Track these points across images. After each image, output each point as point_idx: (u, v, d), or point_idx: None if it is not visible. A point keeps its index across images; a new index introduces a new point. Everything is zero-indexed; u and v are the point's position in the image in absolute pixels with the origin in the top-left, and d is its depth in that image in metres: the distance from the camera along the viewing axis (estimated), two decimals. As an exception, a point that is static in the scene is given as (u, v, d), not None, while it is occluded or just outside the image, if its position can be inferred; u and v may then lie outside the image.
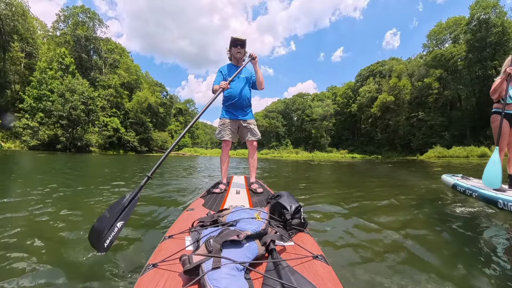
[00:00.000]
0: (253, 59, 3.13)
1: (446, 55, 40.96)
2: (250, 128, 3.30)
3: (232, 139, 3.27)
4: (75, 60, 42.38)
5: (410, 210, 3.51)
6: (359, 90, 58.21)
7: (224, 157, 3.33)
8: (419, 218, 3.17)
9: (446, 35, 45.03)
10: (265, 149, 69.21)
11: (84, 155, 26.85)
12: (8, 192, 4.41)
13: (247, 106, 3.33)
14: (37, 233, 2.39)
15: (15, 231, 2.39)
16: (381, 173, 10.40)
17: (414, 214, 3.32)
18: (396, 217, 3.17)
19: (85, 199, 4.03)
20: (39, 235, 2.31)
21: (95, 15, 50.15)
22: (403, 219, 3.09)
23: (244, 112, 3.31)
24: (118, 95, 48.25)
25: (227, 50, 3.33)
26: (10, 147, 32.11)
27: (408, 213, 3.36)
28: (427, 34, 47.97)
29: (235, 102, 3.19)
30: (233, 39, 3.19)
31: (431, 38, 47.31)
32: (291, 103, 75.50)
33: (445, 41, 45.96)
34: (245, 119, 3.30)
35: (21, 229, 2.47)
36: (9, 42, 37.71)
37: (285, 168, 13.99)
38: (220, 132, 3.27)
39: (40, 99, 34.74)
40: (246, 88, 3.25)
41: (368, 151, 53.45)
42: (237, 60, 3.28)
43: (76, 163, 13.57)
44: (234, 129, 3.30)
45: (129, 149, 46.08)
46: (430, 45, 47.95)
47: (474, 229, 2.66)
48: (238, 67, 3.23)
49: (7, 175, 7.18)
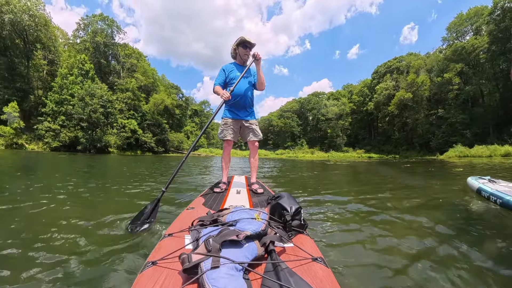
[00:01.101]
0: (257, 60, 3.08)
1: (467, 48, 39.21)
2: (252, 128, 3.30)
3: (234, 138, 3.27)
4: (94, 65, 43.91)
5: (420, 216, 3.18)
6: (375, 87, 56.66)
7: (226, 156, 3.36)
8: (427, 225, 2.83)
9: (467, 26, 43.19)
10: (280, 149, 68.91)
11: (103, 156, 27.80)
12: (33, 188, 4.64)
13: (249, 106, 3.32)
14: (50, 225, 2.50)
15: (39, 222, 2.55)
16: (396, 174, 10.06)
17: (422, 221, 3.00)
18: (402, 222, 3.00)
19: (102, 193, 4.24)
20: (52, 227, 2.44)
21: (113, 22, 51.79)
22: (409, 224, 2.91)
23: (247, 112, 3.30)
24: (136, 98, 49.54)
25: (233, 47, 3.29)
26: (33, 148, 33.74)
27: (417, 219, 3.09)
28: (446, 27, 46.34)
29: (238, 102, 3.18)
30: (244, 40, 3.15)
31: (451, 30, 45.52)
32: (306, 102, 74.83)
33: (466, 33, 44.08)
34: (247, 119, 3.29)
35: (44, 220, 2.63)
36: (32, 51, 39.70)
37: (296, 168, 13.86)
38: (222, 131, 3.27)
39: (62, 103, 36.31)
40: (249, 88, 3.24)
41: (385, 150, 52.04)
42: (243, 61, 3.28)
43: (96, 163, 14.07)
44: (236, 129, 3.29)
45: (146, 149, 47.14)
46: (450, 38, 46.13)
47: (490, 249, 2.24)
48: (243, 66, 3.25)
49: (34, 173, 7.61)
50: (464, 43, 40.64)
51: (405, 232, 2.58)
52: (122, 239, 2.23)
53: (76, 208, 3.36)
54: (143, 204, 3.36)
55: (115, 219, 2.80)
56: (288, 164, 19.06)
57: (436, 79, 44.70)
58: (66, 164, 12.35)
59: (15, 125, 31.76)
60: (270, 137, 78.81)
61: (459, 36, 44.74)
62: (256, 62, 3.12)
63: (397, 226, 2.85)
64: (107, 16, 51.31)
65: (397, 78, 53.15)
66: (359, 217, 3.18)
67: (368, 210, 3.55)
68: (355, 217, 3.18)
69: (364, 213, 3.40)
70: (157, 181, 6.54)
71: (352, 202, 4.06)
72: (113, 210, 3.24)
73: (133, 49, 57.63)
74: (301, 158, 43.12)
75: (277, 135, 75.98)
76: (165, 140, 52.58)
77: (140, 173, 8.49)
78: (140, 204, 3.43)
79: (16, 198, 3.71)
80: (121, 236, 2.30)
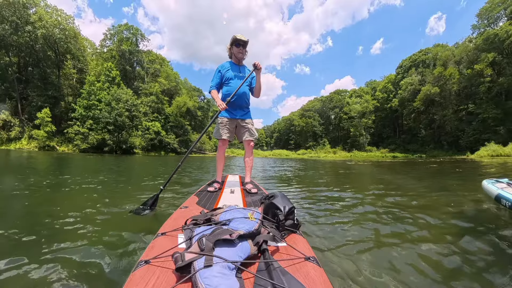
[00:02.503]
0: (257, 69, 3.10)
1: (500, 35, 35.71)
2: (248, 128, 3.31)
3: (229, 138, 3.28)
4: (120, 72, 45.99)
5: (425, 221, 2.99)
6: (400, 83, 54.55)
7: (221, 156, 3.36)
8: (423, 230, 2.68)
9: (500, 11, 39.42)
10: (301, 149, 68.20)
11: (129, 157, 28.93)
12: (67, 185, 5.07)
13: (245, 105, 3.33)
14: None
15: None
16: (415, 175, 9.63)
17: (418, 224, 2.86)
18: (400, 224, 2.89)
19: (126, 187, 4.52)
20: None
21: (137, 31, 54.04)
22: (405, 228, 2.78)
23: (243, 112, 3.32)
24: (159, 101, 51.26)
25: (228, 47, 3.31)
26: (64, 150, 36.38)
27: (420, 223, 2.91)
28: (477, 13, 42.56)
29: (234, 101, 3.19)
30: (236, 39, 3.15)
31: (482, 17, 41.83)
32: (328, 101, 73.45)
33: (499, 19, 40.44)
34: (243, 118, 3.31)
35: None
36: (63, 61, 42.85)
37: (313, 168, 13.62)
38: (218, 131, 3.27)
39: (90, 108, 38.28)
40: (245, 88, 3.24)
41: (411, 149, 49.78)
42: (238, 59, 3.28)
43: (123, 163, 14.74)
44: (232, 128, 3.31)
45: (169, 150, 48.50)
46: (481, 26, 42.44)
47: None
48: (238, 65, 3.28)
49: (67, 172, 8.29)
50: (497, 30, 37.17)
51: (400, 235, 2.56)
52: (115, 237, 2.27)
53: (79, 204, 3.49)
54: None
55: (114, 216, 2.92)
56: (308, 164, 18.86)
57: (465, 71, 41.73)
58: (93, 164, 13.13)
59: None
60: (291, 137, 78.19)
61: (491, 23, 41.20)
62: (256, 71, 3.14)
63: (392, 228, 2.79)
64: (131, 25, 53.91)
65: (423, 72, 50.60)
66: (355, 217, 3.17)
67: (365, 211, 3.54)
68: (352, 217, 3.18)
69: (363, 214, 3.39)
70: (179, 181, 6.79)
71: (350, 202, 4.06)
72: (112, 205, 3.39)
73: (157, 55, 60.00)
74: (323, 158, 42.25)
75: (299, 135, 75.24)
76: (188, 141, 53.85)
77: (163, 171, 8.82)
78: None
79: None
80: (113, 234, 2.34)
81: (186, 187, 5.43)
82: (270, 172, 11.02)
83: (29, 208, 3.40)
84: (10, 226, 2.52)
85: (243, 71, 3.29)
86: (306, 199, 4.34)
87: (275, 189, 5.76)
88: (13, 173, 7.51)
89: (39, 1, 38.95)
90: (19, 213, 3.14)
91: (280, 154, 62.30)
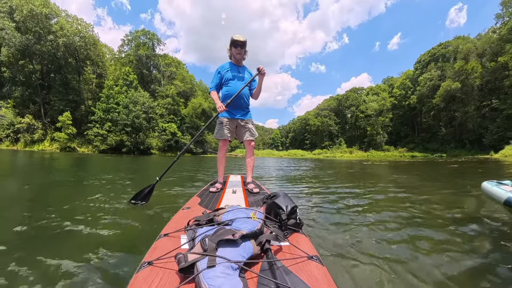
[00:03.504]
0: (261, 74, 3.15)
1: None
2: (248, 128, 3.32)
3: (230, 138, 3.30)
4: (137, 76, 47.53)
5: (428, 222, 2.95)
6: (418, 79, 52.65)
7: (222, 156, 3.38)
8: (421, 232, 2.66)
9: None
10: (317, 149, 67.30)
11: (146, 157, 29.65)
12: (87, 183, 5.33)
13: (245, 106, 3.34)
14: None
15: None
16: (432, 175, 9.36)
17: (417, 225, 2.85)
18: (410, 227, 2.84)
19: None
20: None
21: (154, 35, 55.66)
22: (406, 228, 2.77)
23: (243, 112, 3.33)
24: (175, 103, 52.61)
25: (227, 48, 3.33)
26: (84, 151, 37.92)
27: (426, 226, 2.87)
28: (501, 1, 40.20)
29: (234, 102, 3.20)
30: (233, 40, 3.17)
31: (507, 5, 39.48)
32: (344, 99, 72.01)
33: None
34: (243, 118, 3.32)
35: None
36: (83, 67, 44.83)
37: (326, 168, 13.45)
38: (218, 131, 3.28)
39: (108, 111, 39.72)
40: (245, 89, 3.24)
41: (430, 148, 48.03)
42: (237, 60, 3.29)
43: (141, 164, 15.22)
44: (232, 128, 3.32)
45: (185, 150, 49.35)
46: (505, 14, 40.07)
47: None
48: (238, 66, 3.30)
49: (89, 171, 8.94)
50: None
51: (402, 235, 2.57)
52: (118, 238, 2.31)
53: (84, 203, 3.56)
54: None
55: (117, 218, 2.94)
56: (321, 164, 18.69)
57: (489, 65, 39.92)
58: (110, 164, 13.63)
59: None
60: (307, 137, 77.36)
61: (517, 12, 38.84)
62: (260, 76, 3.17)
63: (395, 227, 2.79)
64: (148, 30, 55.58)
65: (443, 66, 48.72)
66: (358, 217, 3.17)
67: (368, 210, 3.54)
68: (353, 217, 3.17)
69: (363, 213, 3.37)
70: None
71: (351, 202, 4.06)
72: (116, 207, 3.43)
73: (172, 58, 61.45)
74: (339, 158, 41.64)
75: (314, 135, 74.29)
76: (203, 141, 54.65)
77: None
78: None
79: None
80: (116, 234, 2.38)
81: (188, 187, 5.47)
82: (282, 172, 11.05)
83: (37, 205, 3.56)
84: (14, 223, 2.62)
85: (242, 71, 3.30)
86: (310, 199, 4.35)
87: (282, 188, 5.86)
88: (32, 173, 7.90)
89: (60, 12, 41.14)
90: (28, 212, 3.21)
91: (296, 154, 61.87)
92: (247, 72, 3.33)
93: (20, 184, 5.32)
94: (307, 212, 3.36)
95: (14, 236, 2.33)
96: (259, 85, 3.25)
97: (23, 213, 3.04)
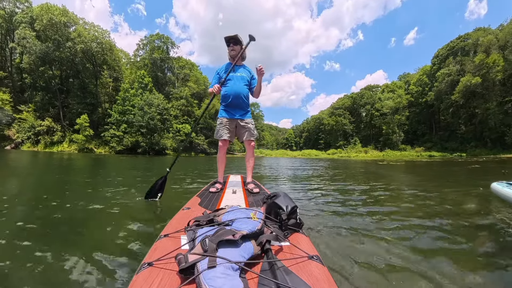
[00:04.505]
0: (260, 74, 3.17)
1: None
2: (247, 128, 3.30)
3: (230, 138, 3.28)
4: (152, 78, 48.50)
5: (429, 221, 2.97)
6: (436, 74, 50.33)
7: (221, 156, 3.38)
8: (423, 230, 2.68)
9: None
10: (331, 148, 66.24)
11: (161, 157, 30.36)
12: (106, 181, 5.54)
13: (244, 105, 3.32)
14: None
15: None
16: (448, 175, 9.00)
17: (417, 225, 2.83)
18: (403, 224, 2.88)
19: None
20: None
21: (168, 39, 56.86)
22: (410, 227, 2.78)
23: (242, 111, 3.31)
24: (189, 104, 53.47)
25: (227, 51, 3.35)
26: (101, 152, 39.34)
27: (423, 221, 2.93)
28: None
29: (232, 101, 3.21)
30: (226, 38, 3.20)
31: None
32: (359, 97, 70.47)
33: None
34: (243, 118, 3.30)
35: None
36: (100, 72, 46.49)
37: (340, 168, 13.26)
38: (218, 131, 3.29)
39: (124, 113, 40.92)
40: (243, 88, 3.23)
41: (449, 148, 45.98)
42: (232, 58, 3.28)
43: (155, 164, 15.55)
44: (232, 128, 3.31)
45: (199, 151, 50.28)
46: None
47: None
48: (236, 65, 3.29)
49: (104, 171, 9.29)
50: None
51: (403, 234, 2.57)
52: (118, 239, 2.31)
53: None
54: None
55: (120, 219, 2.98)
56: (337, 164, 18.48)
57: (512, 57, 38.10)
58: (125, 164, 14.02)
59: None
60: (321, 137, 76.39)
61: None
62: (259, 75, 3.18)
63: (397, 227, 2.79)
64: (162, 34, 56.86)
65: (462, 60, 46.20)
66: (357, 216, 3.18)
67: (369, 211, 3.54)
68: (353, 216, 3.19)
69: (365, 214, 3.37)
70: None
71: (352, 201, 4.08)
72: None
73: (186, 60, 62.46)
74: (354, 158, 40.77)
75: (328, 134, 73.16)
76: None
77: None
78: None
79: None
80: (116, 236, 2.39)
81: (189, 187, 5.51)
82: (291, 171, 11.10)
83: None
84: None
85: (240, 70, 3.28)
86: (312, 198, 4.38)
87: (289, 188, 5.92)
88: (51, 172, 8.24)
89: (78, 20, 42.91)
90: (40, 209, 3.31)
91: (310, 154, 61.25)
92: (245, 71, 3.30)
93: (41, 182, 5.54)
94: (308, 212, 3.37)
95: (16, 232, 2.40)
96: (259, 83, 3.23)
97: (30, 209, 3.15)
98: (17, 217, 2.93)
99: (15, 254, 1.95)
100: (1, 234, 2.32)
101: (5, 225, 2.59)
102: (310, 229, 2.61)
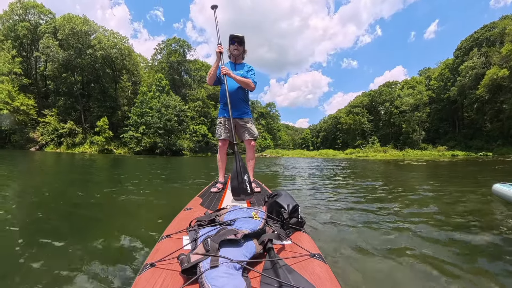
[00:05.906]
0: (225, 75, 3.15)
1: None
2: (247, 127, 3.29)
3: (229, 138, 3.25)
4: (169, 81, 49.91)
5: (438, 224, 2.89)
6: (459, 68, 47.57)
7: (222, 156, 3.37)
8: (433, 235, 2.58)
9: None
10: (349, 148, 64.71)
11: (178, 158, 30.99)
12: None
13: (243, 104, 3.31)
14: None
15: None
16: (470, 176, 8.73)
17: (436, 230, 2.72)
18: (405, 223, 2.88)
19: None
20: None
21: (184, 43, 58.29)
22: (411, 226, 2.78)
23: (240, 111, 3.29)
24: (205, 105, 54.50)
25: (227, 48, 3.33)
26: (120, 152, 41.04)
27: (426, 221, 2.93)
28: None
29: (230, 101, 3.16)
30: (231, 36, 3.21)
31: None
32: (377, 95, 68.37)
33: None
34: (242, 117, 3.29)
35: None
36: (119, 76, 48.58)
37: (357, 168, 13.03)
38: (217, 131, 3.30)
39: (142, 115, 42.22)
40: (240, 87, 3.22)
41: (474, 146, 43.74)
42: (234, 57, 3.29)
43: (173, 164, 16.23)
44: (231, 128, 3.24)
45: (216, 151, 50.15)
46: None
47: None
48: (235, 64, 3.31)
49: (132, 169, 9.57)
50: None
51: (404, 232, 2.58)
52: (118, 240, 2.33)
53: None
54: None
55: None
56: (355, 164, 18.21)
57: (542, 46, 35.70)
58: (142, 164, 14.29)
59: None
60: (338, 136, 75.00)
61: None
62: (227, 75, 3.14)
63: (398, 226, 2.79)
64: (179, 38, 58.32)
65: (487, 52, 43.64)
66: (358, 215, 3.20)
67: (369, 209, 3.53)
68: (354, 215, 3.20)
69: (366, 212, 3.39)
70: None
71: (352, 201, 4.06)
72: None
73: (202, 62, 63.80)
74: (373, 158, 39.67)
75: (346, 133, 71.69)
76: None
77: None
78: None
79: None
80: (117, 238, 2.41)
81: (189, 188, 5.57)
82: (305, 171, 11.32)
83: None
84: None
85: (239, 68, 3.26)
86: (313, 199, 4.40)
87: (300, 186, 6.06)
88: (75, 172, 8.64)
89: (98, 28, 45.09)
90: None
91: (327, 154, 60.36)
92: (244, 69, 3.28)
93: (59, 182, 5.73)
94: (310, 210, 3.39)
95: (25, 229, 2.50)
96: (236, 79, 3.12)
97: (42, 206, 3.24)
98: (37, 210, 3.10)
99: (18, 248, 2.03)
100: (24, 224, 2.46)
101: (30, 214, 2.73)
102: (312, 227, 2.63)
